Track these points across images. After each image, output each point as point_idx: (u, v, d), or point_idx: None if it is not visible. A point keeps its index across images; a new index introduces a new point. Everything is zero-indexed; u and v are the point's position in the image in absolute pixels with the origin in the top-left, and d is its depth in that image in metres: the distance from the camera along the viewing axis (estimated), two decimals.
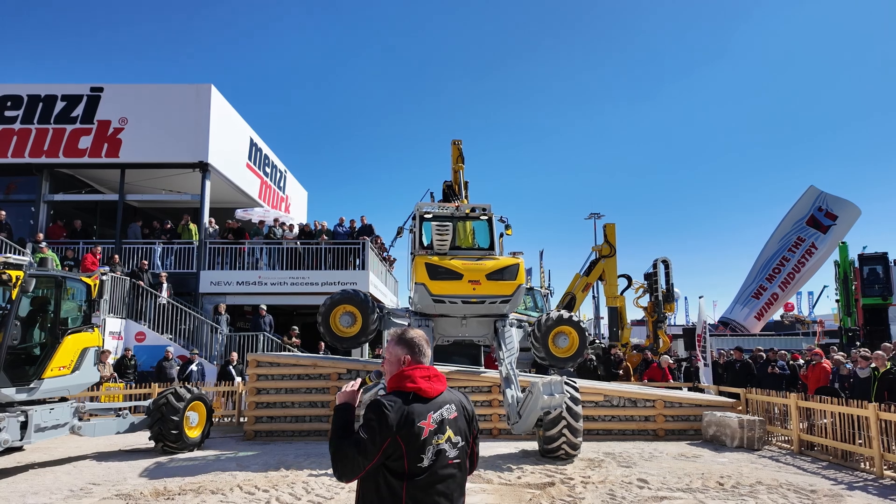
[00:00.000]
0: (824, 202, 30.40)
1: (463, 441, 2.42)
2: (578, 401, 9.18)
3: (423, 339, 2.53)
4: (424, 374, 2.42)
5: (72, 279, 9.13)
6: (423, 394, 2.37)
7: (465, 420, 2.47)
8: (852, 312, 24.26)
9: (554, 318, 10.87)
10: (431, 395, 2.39)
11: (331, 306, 10.70)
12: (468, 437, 2.48)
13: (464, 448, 2.43)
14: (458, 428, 2.42)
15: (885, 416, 8.06)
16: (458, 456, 2.39)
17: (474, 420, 2.54)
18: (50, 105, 18.12)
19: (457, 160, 14.93)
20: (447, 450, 2.35)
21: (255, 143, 22.01)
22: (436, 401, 2.39)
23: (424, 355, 2.48)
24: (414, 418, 2.29)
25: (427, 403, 2.36)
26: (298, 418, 11.26)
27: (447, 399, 2.44)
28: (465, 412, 2.49)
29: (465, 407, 2.51)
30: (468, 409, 2.52)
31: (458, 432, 2.41)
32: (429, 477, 2.28)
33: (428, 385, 2.40)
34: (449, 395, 2.47)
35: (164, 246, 18.07)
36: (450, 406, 2.42)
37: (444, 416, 2.38)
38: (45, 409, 8.27)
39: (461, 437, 2.42)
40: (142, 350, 15.12)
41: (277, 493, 7.09)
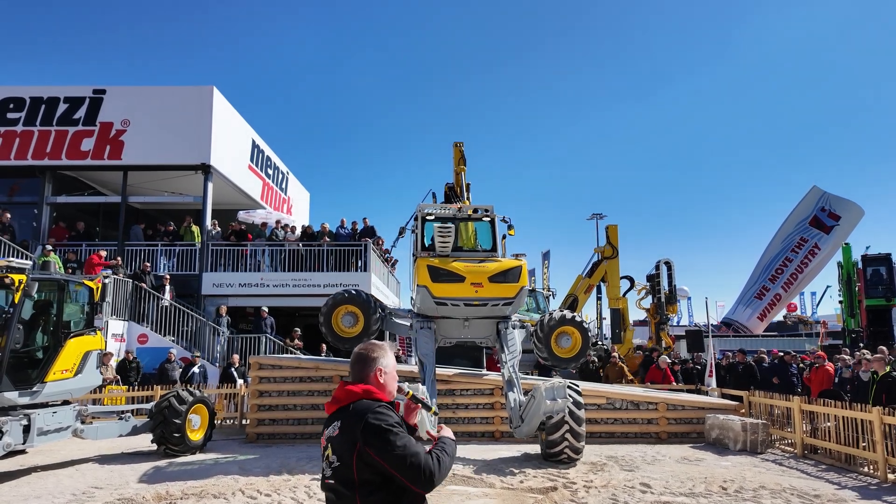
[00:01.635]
0: (827, 202, 30.34)
1: (339, 462, 2.20)
2: (581, 405, 9.11)
3: (352, 354, 2.50)
4: (333, 394, 2.42)
5: (74, 282, 9.14)
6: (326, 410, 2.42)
7: (349, 437, 2.18)
8: (856, 314, 24.19)
9: (556, 318, 10.84)
10: (327, 412, 2.38)
11: (333, 306, 10.69)
12: (349, 456, 2.17)
13: (339, 469, 2.20)
14: (338, 446, 2.22)
15: (889, 421, 8.03)
16: (332, 476, 2.23)
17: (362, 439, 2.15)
18: (52, 107, 18.16)
19: (458, 162, 14.91)
20: (324, 469, 2.29)
21: (258, 144, 22.03)
22: (330, 417, 2.35)
23: (350, 371, 2.46)
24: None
25: (327, 420, 2.37)
26: (301, 421, 11.25)
27: (339, 415, 2.29)
28: (351, 429, 2.19)
29: (350, 424, 2.20)
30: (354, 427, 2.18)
31: (335, 451, 2.23)
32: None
33: (328, 404, 2.39)
34: (342, 412, 2.28)
35: (167, 248, 18.10)
36: (336, 424, 2.27)
37: (330, 433, 2.28)
38: (47, 413, 8.28)
39: (337, 457, 2.22)
40: (144, 352, 15.13)
41: (280, 498, 7.09)
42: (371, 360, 2.40)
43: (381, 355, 2.43)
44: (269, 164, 23.14)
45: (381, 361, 2.41)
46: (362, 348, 2.46)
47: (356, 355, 2.45)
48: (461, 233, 11.50)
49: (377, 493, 2.15)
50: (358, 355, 2.44)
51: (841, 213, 29.87)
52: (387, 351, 2.47)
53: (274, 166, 23.79)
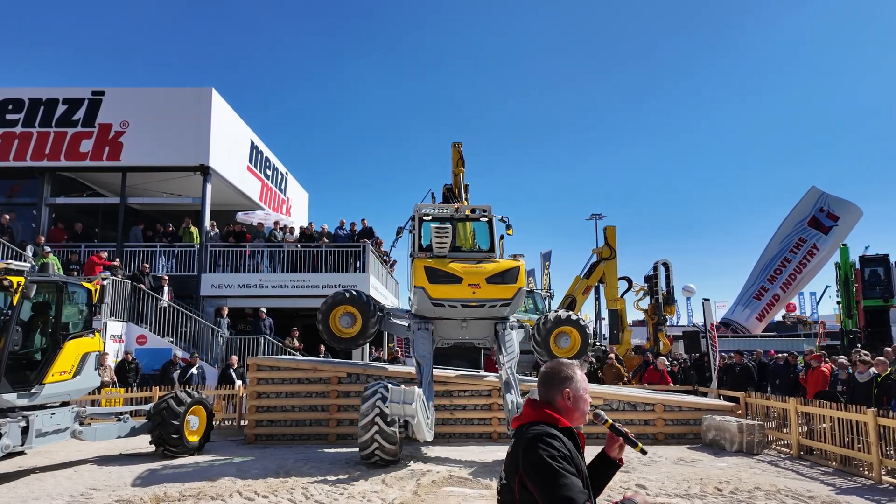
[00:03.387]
0: (826, 203, 30.37)
1: (505, 481, 2.22)
2: None
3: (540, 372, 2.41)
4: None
5: (73, 284, 9.17)
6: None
7: (514, 459, 2.17)
8: (853, 314, 24.21)
9: (555, 318, 10.84)
10: (513, 426, 2.40)
11: (331, 306, 10.71)
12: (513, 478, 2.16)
13: (505, 488, 2.22)
14: (507, 465, 2.23)
15: (884, 422, 8.07)
16: (500, 492, 2.27)
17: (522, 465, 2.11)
18: (51, 108, 18.18)
19: (457, 163, 14.93)
20: (498, 482, 2.32)
21: (256, 145, 22.06)
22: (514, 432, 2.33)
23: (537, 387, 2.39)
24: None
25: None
26: (299, 422, 11.28)
27: (516, 433, 2.27)
28: (516, 452, 2.17)
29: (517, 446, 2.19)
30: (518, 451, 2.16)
31: (505, 469, 2.25)
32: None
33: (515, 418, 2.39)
34: (518, 431, 2.26)
35: (165, 249, 18.13)
36: (512, 442, 2.28)
37: (508, 449, 2.27)
38: (46, 414, 8.31)
39: (505, 474, 2.23)
40: (143, 353, 15.15)
41: (277, 499, 7.12)
42: (559, 381, 2.27)
43: (572, 375, 2.29)
44: (267, 165, 23.18)
45: (570, 383, 2.28)
46: (552, 367, 2.34)
47: (544, 374, 2.33)
48: (459, 233, 11.51)
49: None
50: (546, 374, 2.32)
51: (839, 213, 29.90)
52: (577, 371, 2.33)
53: (273, 167, 23.82)
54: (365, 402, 8.70)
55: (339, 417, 11.16)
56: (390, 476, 8.15)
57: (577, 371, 2.33)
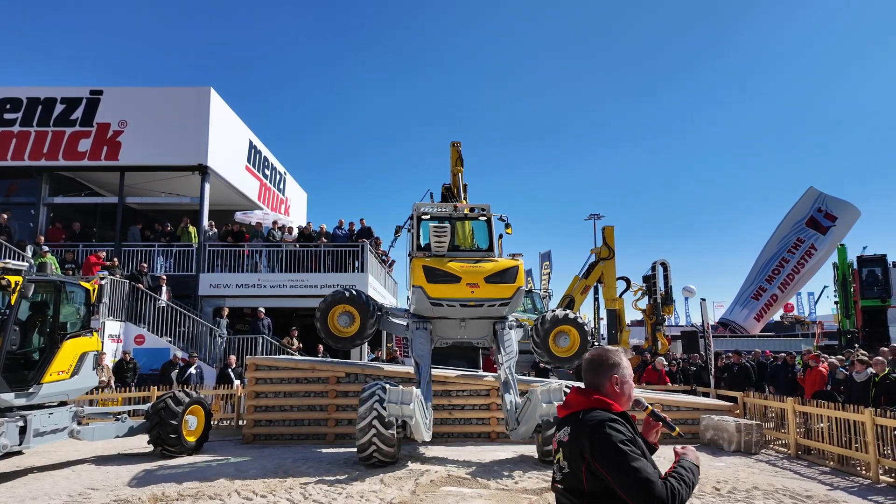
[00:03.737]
0: (824, 203, 30.41)
1: (568, 470, 2.19)
2: None
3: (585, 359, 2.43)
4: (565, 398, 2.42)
5: (71, 284, 9.16)
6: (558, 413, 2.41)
7: (577, 447, 2.16)
8: (851, 314, 24.25)
9: (554, 317, 10.82)
10: (559, 415, 2.38)
11: (329, 305, 10.70)
12: (578, 466, 2.15)
13: (568, 477, 2.19)
14: (568, 453, 2.21)
15: (881, 422, 8.08)
16: (562, 482, 2.23)
17: (590, 452, 2.11)
18: (49, 108, 18.15)
19: (456, 162, 14.91)
20: (555, 472, 2.30)
21: (255, 145, 22.05)
22: (562, 421, 2.34)
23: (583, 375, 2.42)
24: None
25: (559, 423, 2.37)
26: (297, 422, 11.27)
27: (570, 421, 2.26)
28: (579, 439, 2.16)
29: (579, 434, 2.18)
30: (582, 438, 2.15)
31: (565, 458, 2.22)
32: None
33: (559, 407, 2.41)
34: (572, 418, 2.25)
35: (164, 248, 18.11)
36: (566, 430, 2.25)
37: (560, 437, 2.29)
38: (43, 414, 8.29)
39: (567, 463, 2.21)
40: (141, 353, 15.14)
41: (275, 499, 7.12)
42: (608, 367, 2.31)
43: (619, 361, 2.34)
44: (266, 165, 23.16)
45: (617, 369, 2.32)
46: (598, 353, 2.37)
47: (591, 360, 2.36)
48: (458, 232, 11.49)
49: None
50: (593, 361, 2.35)
51: (837, 213, 29.94)
52: (623, 357, 2.38)
53: (271, 167, 23.81)
54: (363, 405, 8.65)
55: (337, 417, 11.15)
56: (389, 476, 8.15)
57: (623, 357, 2.37)
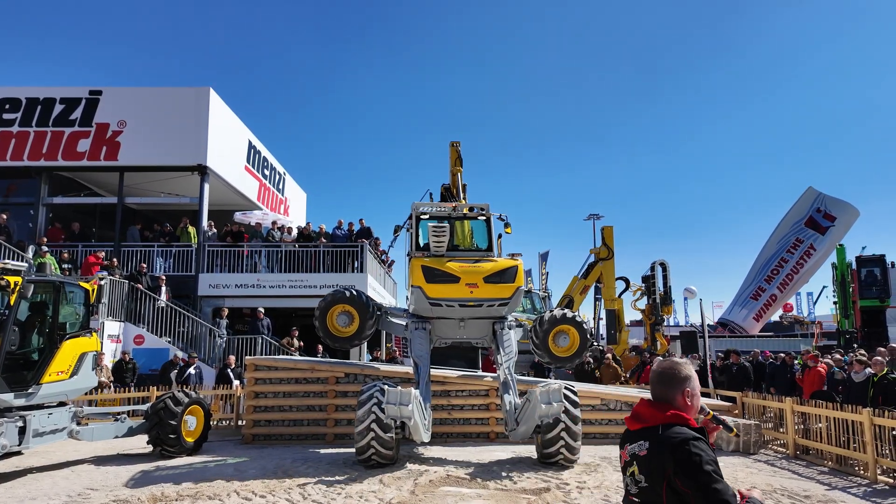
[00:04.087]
0: (823, 203, 30.44)
1: (646, 484, 2.20)
2: (577, 409, 8.90)
3: (654, 372, 2.42)
4: (633, 410, 2.41)
5: (70, 284, 9.16)
6: (627, 425, 2.39)
7: (658, 463, 2.17)
8: (850, 314, 24.29)
9: (554, 316, 10.80)
10: (630, 428, 2.37)
11: (329, 304, 10.71)
12: (657, 482, 2.16)
13: (646, 491, 2.20)
14: (646, 468, 2.21)
15: (879, 422, 8.10)
16: (638, 495, 2.24)
17: (673, 470, 2.11)
18: (48, 108, 18.16)
19: (455, 162, 14.91)
20: (629, 484, 2.31)
21: (254, 145, 22.06)
22: (633, 434, 2.33)
23: (651, 387, 2.42)
24: (620, 445, 2.42)
25: (628, 435, 2.37)
26: (296, 422, 11.27)
27: (646, 435, 2.26)
28: (661, 455, 2.16)
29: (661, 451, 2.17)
30: (665, 455, 2.15)
31: (642, 472, 2.22)
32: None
33: (628, 419, 2.40)
34: (650, 433, 2.25)
35: (163, 249, 18.11)
36: (642, 444, 2.25)
37: (635, 451, 2.28)
38: (43, 414, 8.30)
39: (644, 477, 2.21)
40: (140, 353, 15.14)
41: (274, 499, 7.12)
42: (680, 381, 2.32)
43: (690, 374, 2.34)
44: (265, 165, 23.17)
45: (689, 382, 2.33)
46: (669, 366, 2.37)
47: (661, 373, 2.36)
48: (457, 232, 11.48)
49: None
50: (664, 374, 2.35)
51: (836, 213, 29.97)
52: (692, 369, 2.38)
53: (270, 167, 23.81)
54: (361, 407, 8.58)
55: (336, 417, 11.16)
56: (388, 476, 8.15)
57: (692, 369, 2.39)
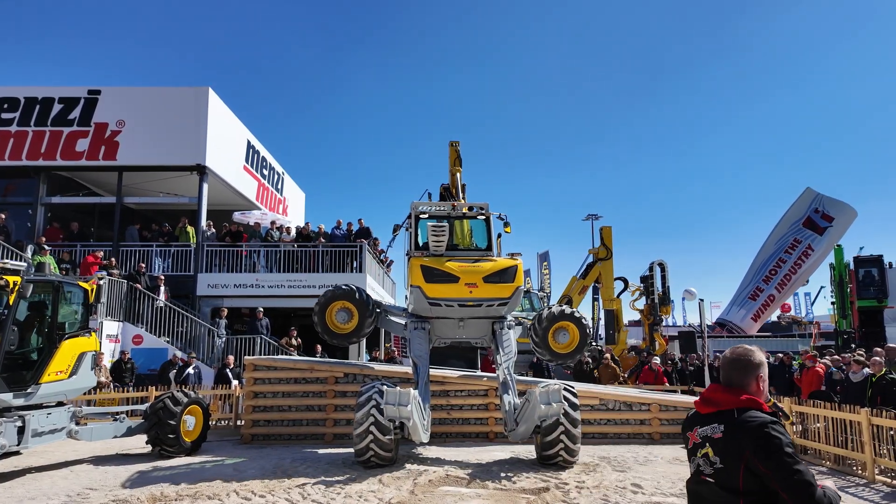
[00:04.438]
0: (821, 204, 30.52)
1: (721, 465, 2.30)
2: (577, 409, 8.86)
3: (726, 359, 2.52)
4: (702, 395, 2.53)
5: (69, 284, 9.15)
6: (698, 409, 2.52)
7: (735, 445, 2.27)
8: (848, 315, 24.35)
9: (554, 313, 10.78)
10: (700, 411, 2.49)
11: (328, 300, 10.72)
12: (734, 464, 2.26)
13: (721, 472, 2.30)
14: (722, 450, 2.31)
15: (877, 422, 8.12)
16: (713, 476, 2.33)
17: (753, 452, 2.22)
18: (47, 107, 18.13)
19: (454, 162, 14.91)
20: (702, 465, 2.40)
21: (253, 145, 22.04)
22: (705, 417, 2.44)
23: (723, 372, 2.52)
24: (685, 428, 2.55)
25: (698, 418, 2.49)
26: (295, 422, 11.27)
27: (721, 419, 2.36)
28: (738, 438, 2.27)
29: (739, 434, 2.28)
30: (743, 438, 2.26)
31: (717, 453, 2.32)
32: (690, 483, 2.49)
33: (698, 404, 2.52)
34: (725, 416, 2.35)
35: (162, 248, 18.10)
36: (716, 427, 2.35)
37: (707, 433, 2.38)
38: (42, 414, 8.29)
39: (720, 459, 2.31)
40: (139, 353, 15.13)
41: (274, 499, 7.12)
42: (753, 367, 2.40)
43: (762, 360, 2.43)
44: (264, 165, 23.15)
45: (761, 368, 2.41)
46: (743, 352, 2.45)
47: (734, 360, 2.44)
48: (456, 231, 11.46)
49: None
50: (737, 360, 2.43)
51: (834, 214, 30.05)
52: (763, 356, 2.47)
53: (269, 167, 23.80)
54: (359, 409, 8.52)
55: (335, 417, 11.16)
56: (387, 476, 8.16)
57: (763, 356, 2.49)
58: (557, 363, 11.99)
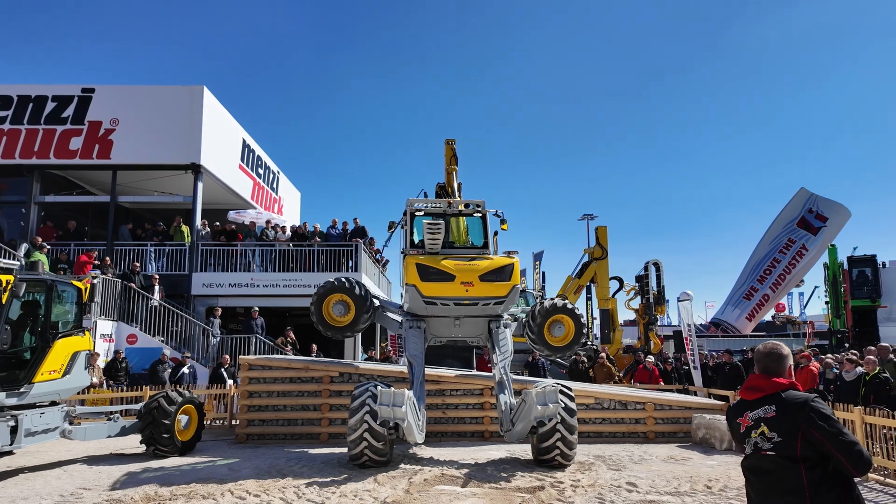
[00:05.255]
0: (815, 204, 30.66)
1: (780, 439, 2.73)
2: (574, 411, 8.83)
3: (761, 352, 3.01)
4: (746, 385, 3.01)
5: (62, 283, 9.09)
6: (744, 397, 3.00)
7: (791, 420, 2.72)
8: (841, 314, 24.48)
9: (550, 305, 10.76)
10: (747, 398, 2.96)
11: (327, 292, 10.70)
12: (791, 436, 2.70)
13: (781, 445, 2.73)
14: (777, 426, 2.76)
15: (870, 420, 8.17)
16: (774, 449, 2.76)
17: (806, 422, 2.67)
18: (40, 106, 18.03)
19: (450, 161, 14.89)
20: (760, 442, 2.82)
21: (248, 144, 21.98)
22: (753, 402, 2.91)
23: (756, 363, 3.01)
24: (734, 415, 3.00)
25: (746, 405, 2.95)
26: (290, 421, 11.25)
27: (770, 401, 2.83)
28: (792, 413, 2.72)
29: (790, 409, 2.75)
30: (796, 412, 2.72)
31: (773, 430, 2.77)
32: (749, 461, 2.91)
33: (745, 392, 2.99)
34: (772, 398, 2.82)
35: (156, 248, 18.02)
36: (768, 408, 2.81)
37: (760, 415, 2.83)
38: (35, 414, 8.24)
39: (776, 434, 2.75)
40: (133, 352, 15.07)
41: (269, 498, 7.10)
42: (785, 357, 2.95)
43: (790, 352, 3.00)
44: (259, 164, 23.09)
45: (791, 357, 2.98)
46: (774, 346, 2.98)
47: (769, 353, 2.96)
48: (452, 229, 11.42)
49: (817, 468, 2.66)
50: (771, 353, 2.95)
51: (828, 214, 30.19)
52: (788, 349, 3.02)
53: (265, 166, 23.74)
54: (353, 417, 8.44)
55: (331, 417, 11.14)
56: (382, 475, 8.15)
57: (788, 349, 3.06)
58: (555, 356, 12.00)
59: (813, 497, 2.63)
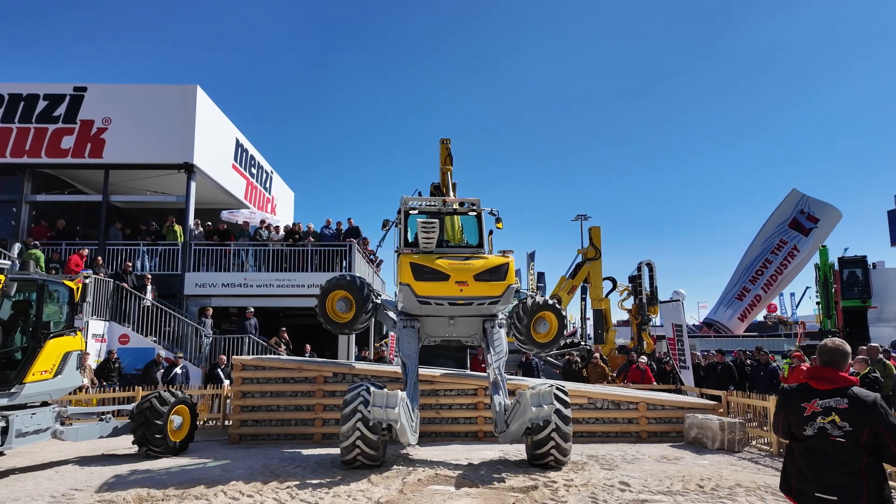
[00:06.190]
0: (806, 205, 30.89)
1: (850, 428, 3.17)
2: (568, 411, 8.82)
3: (829, 347, 3.42)
4: (814, 374, 3.41)
5: (54, 283, 9.04)
6: (814, 385, 3.38)
7: (861, 413, 3.18)
8: (832, 315, 24.66)
9: (538, 302, 10.84)
10: (818, 387, 3.35)
11: (330, 288, 10.87)
12: (861, 427, 3.16)
13: (850, 433, 3.17)
14: (849, 417, 3.19)
15: None
16: (843, 437, 3.19)
17: (875, 418, 3.16)
18: (32, 104, 17.90)
19: (445, 160, 14.89)
20: (829, 428, 3.23)
21: (241, 143, 21.91)
22: (823, 392, 3.31)
23: (822, 356, 3.41)
24: (799, 399, 3.39)
25: (814, 392, 3.35)
26: (284, 422, 11.21)
27: (841, 394, 3.25)
28: (863, 408, 3.19)
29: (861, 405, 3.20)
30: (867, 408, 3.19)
31: (844, 419, 3.20)
32: (812, 441, 3.29)
33: (815, 382, 3.38)
34: (843, 392, 3.26)
35: (149, 247, 17.93)
36: (840, 399, 3.24)
37: (831, 404, 3.25)
38: (26, 414, 8.18)
39: (847, 423, 3.19)
40: (126, 352, 14.99)
41: (262, 498, 7.09)
42: (848, 355, 3.40)
43: (850, 350, 3.43)
44: (252, 164, 23.02)
45: (850, 356, 3.44)
46: (840, 343, 3.40)
47: (835, 349, 3.38)
48: (447, 227, 11.41)
49: (873, 454, 3.19)
50: (837, 349, 3.37)
51: (819, 215, 30.43)
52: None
53: (258, 165, 23.67)
54: (345, 423, 8.38)
55: (324, 417, 11.12)
56: (376, 475, 8.14)
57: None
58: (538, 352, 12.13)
59: (868, 478, 3.15)
